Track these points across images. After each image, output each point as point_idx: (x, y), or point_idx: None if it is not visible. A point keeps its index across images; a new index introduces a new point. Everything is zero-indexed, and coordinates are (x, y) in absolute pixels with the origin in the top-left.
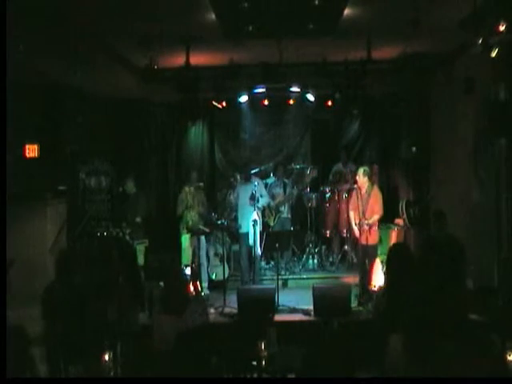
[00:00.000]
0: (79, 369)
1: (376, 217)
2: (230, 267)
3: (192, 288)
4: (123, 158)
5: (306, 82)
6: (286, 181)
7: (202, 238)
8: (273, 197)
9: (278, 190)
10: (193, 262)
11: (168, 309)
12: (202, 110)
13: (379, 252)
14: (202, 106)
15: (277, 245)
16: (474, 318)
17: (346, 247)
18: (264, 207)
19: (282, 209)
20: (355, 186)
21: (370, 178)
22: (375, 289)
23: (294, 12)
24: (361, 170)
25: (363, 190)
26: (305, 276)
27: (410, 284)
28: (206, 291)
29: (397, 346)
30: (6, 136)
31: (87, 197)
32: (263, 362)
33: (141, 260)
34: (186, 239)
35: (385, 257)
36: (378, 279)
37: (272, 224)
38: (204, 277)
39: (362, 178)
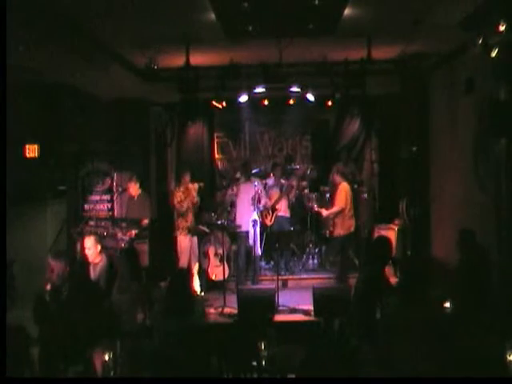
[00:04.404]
0: (79, 369)
1: (335, 208)
2: (230, 267)
3: (192, 288)
4: (123, 157)
5: (306, 82)
6: (283, 181)
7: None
8: (270, 196)
9: (276, 190)
10: (192, 261)
11: (168, 309)
12: (202, 110)
13: None
14: (202, 106)
15: (277, 245)
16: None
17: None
18: (263, 207)
19: (279, 207)
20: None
21: (342, 176)
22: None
23: (294, 12)
24: (334, 169)
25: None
26: (305, 276)
27: None
28: (205, 291)
29: None
30: (6, 136)
31: (87, 197)
32: (263, 362)
33: (141, 260)
34: (185, 239)
35: None
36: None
37: (269, 224)
38: (204, 277)
39: (335, 176)
